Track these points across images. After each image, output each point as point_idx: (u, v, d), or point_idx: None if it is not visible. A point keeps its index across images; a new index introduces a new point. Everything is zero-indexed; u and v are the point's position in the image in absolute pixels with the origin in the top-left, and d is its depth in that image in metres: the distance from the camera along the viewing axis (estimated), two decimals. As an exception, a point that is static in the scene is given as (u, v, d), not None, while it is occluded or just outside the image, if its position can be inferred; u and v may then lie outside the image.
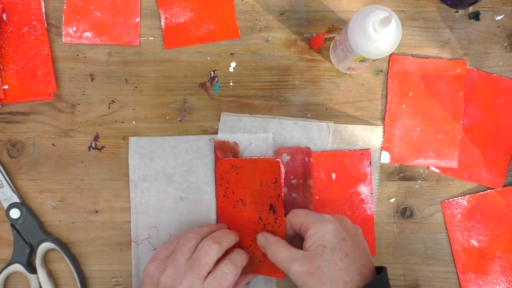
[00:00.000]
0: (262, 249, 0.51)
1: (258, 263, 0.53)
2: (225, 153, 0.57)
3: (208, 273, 0.48)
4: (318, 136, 0.58)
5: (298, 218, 0.50)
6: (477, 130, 0.60)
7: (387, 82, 0.59)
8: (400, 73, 0.59)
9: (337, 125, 0.59)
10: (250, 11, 0.60)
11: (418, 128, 0.59)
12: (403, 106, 0.59)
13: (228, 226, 0.55)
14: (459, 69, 0.60)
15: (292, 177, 0.57)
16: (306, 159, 0.57)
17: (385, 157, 0.59)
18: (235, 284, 0.52)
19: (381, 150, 0.59)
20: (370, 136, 0.59)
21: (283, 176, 0.54)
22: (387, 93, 0.59)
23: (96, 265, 0.58)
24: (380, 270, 0.48)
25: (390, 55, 0.59)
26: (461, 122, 0.59)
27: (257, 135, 0.58)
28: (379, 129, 0.59)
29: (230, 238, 0.51)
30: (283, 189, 0.53)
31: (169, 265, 0.48)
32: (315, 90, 0.59)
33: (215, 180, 0.57)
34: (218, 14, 0.59)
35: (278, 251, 0.48)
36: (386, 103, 0.59)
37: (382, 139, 0.59)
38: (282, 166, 0.54)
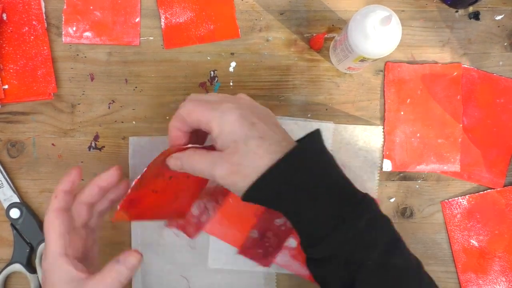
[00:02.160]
0: (179, 171, 0.45)
1: (183, 186, 0.50)
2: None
3: None
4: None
5: (193, 115, 0.44)
6: (477, 130, 0.60)
7: (384, 90, 0.59)
8: (396, 81, 0.59)
9: (337, 125, 0.59)
10: (250, 11, 0.60)
11: (418, 134, 0.59)
12: (402, 113, 0.59)
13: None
14: (455, 73, 0.60)
15: None
16: None
17: (387, 165, 0.59)
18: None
19: (383, 157, 0.59)
20: (370, 137, 0.59)
21: None
22: (384, 101, 0.59)
23: (96, 265, 0.58)
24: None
25: (385, 63, 0.59)
26: (461, 125, 0.59)
27: None
28: (379, 129, 0.59)
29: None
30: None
31: None
32: (315, 90, 0.59)
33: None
34: (218, 14, 0.59)
35: (196, 161, 0.43)
36: (385, 111, 0.59)
37: (382, 139, 0.59)
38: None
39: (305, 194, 0.41)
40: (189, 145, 0.45)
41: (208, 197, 0.56)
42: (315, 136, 0.44)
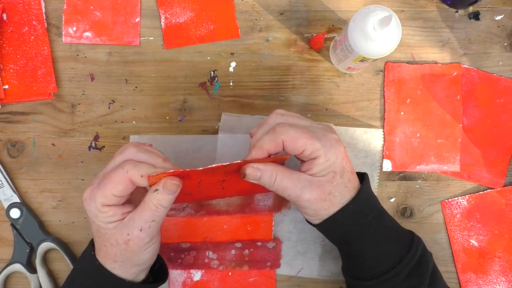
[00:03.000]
0: (255, 182, 0.45)
1: (222, 189, 0.49)
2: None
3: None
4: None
5: (298, 142, 0.44)
6: (477, 130, 0.60)
7: (384, 91, 0.59)
8: (396, 81, 0.59)
9: (337, 127, 0.59)
10: (250, 11, 0.60)
11: (418, 134, 0.59)
12: (402, 113, 0.59)
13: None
14: (455, 73, 0.60)
15: None
16: None
17: (387, 165, 0.59)
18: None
19: (383, 158, 0.59)
20: (370, 139, 0.59)
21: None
22: (384, 101, 0.59)
23: (96, 265, 0.58)
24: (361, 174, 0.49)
25: (385, 63, 0.59)
26: (461, 125, 0.59)
27: None
28: (379, 132, 0.59)
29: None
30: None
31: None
32: (315, 90, 0.59)
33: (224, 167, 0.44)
34: (218, 14, 0.59)
35: (286, 180, 0.44)
36: (385, 112, 0.59)
37: (382, 142, 0.59)
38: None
39: (371, 230, 0.46)
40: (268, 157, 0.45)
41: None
42: (367, 178, 0.48)
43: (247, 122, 0.58)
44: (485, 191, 0.59)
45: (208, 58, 0.59)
